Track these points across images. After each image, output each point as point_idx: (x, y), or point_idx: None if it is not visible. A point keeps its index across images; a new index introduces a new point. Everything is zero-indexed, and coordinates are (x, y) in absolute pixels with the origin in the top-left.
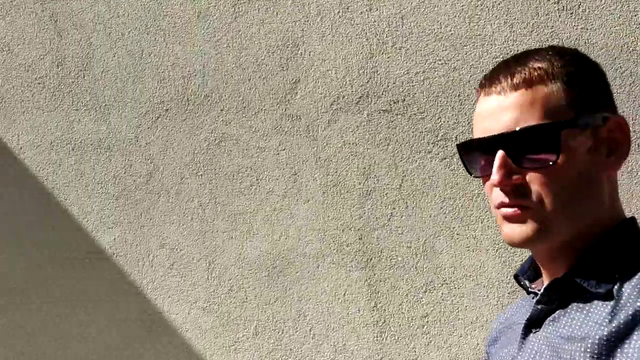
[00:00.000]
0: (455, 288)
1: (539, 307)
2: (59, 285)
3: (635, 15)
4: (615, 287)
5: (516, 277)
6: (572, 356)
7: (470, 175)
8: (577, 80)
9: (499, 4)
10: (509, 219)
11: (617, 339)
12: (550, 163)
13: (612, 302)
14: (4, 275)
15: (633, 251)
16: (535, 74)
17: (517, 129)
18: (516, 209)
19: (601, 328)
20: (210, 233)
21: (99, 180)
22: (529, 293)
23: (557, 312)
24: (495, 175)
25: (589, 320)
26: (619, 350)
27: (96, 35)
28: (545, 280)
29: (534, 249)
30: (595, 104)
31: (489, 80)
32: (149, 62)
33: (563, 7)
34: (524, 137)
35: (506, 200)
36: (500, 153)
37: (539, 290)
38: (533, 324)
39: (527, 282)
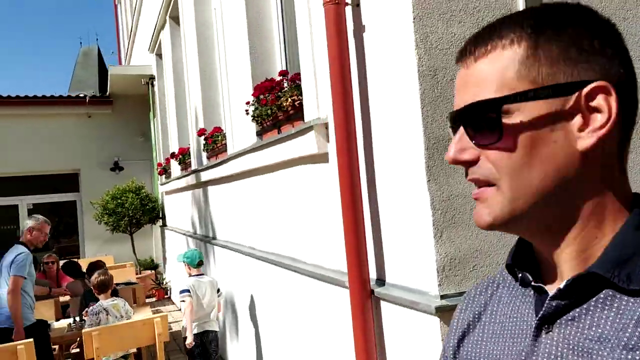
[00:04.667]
0: None
1: (554, 303)
2: None
3: None
4: None
5: (510, 267)
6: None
7: None
8: (547, 43)
9: None
10: (476, 198)
11: None
12: (494, 142)
13: None
14: None
15: None
16: (499, 42)
17: (463, 105)
18: (478, 189)
19: None
20: None
21: None
22: (525, 285)
23: (577, 309)
24: (449, 151)
25: (623, 318)
26: None
27: None
28: (550, 270)
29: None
30: (570, 68)
31: (460, 52)
32: None
33: None
34: (471, 114)
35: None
36: (460, 129)
37: (541, 283)
38: (545, 322)
39: (528, 275)
